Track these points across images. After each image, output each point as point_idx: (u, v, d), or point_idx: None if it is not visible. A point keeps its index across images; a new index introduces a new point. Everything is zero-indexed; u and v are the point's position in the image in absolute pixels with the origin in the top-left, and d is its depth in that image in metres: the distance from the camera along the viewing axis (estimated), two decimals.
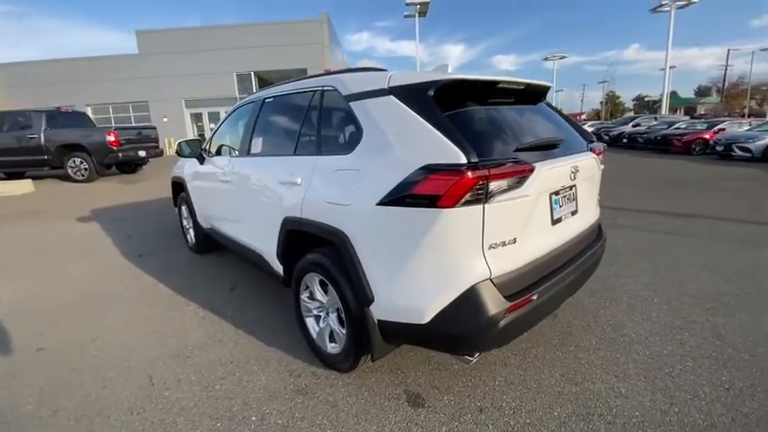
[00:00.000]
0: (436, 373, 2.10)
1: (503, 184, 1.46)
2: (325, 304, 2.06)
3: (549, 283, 1.72)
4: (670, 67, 26.98)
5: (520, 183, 1.52)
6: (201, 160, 3.35)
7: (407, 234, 1.52)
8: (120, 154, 9.81)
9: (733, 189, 7.19)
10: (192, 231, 4.06)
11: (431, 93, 1.61)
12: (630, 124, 19.55)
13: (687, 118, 21.41)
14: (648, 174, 9.59)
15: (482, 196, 1.42)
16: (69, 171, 9.78)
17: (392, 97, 1.70)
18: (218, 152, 3.36)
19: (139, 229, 5.32)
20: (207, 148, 3.40)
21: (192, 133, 22.42)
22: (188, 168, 3.73)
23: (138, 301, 3.07)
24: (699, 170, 9.93)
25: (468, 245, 1.46)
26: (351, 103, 1.87)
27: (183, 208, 4.13)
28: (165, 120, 21.15)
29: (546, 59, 46.40)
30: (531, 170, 1.55)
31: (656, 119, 19.71)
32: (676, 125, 16.62)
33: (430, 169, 1.44)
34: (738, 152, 11.86)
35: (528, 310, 1.61)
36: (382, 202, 1.56)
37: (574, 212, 1.95)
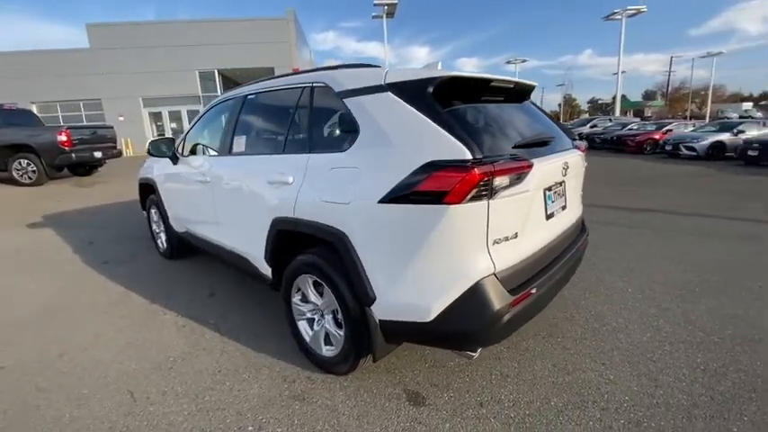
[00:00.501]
0: (433, 370, 2.10)
1: (506, 179, 1.48)
2: (320, 306, 2.01)
3: (545, 277, 1.76)
4: (621, 72, 28.73)
5: (520, 178, 1.55)
6: (175, 160, 3.17)
7: (411, 231, 1.51)
8: (72, 155, 9.09)
9: (683, 185, 7.76)
10: (163, 236, 3.84)
11: (430, 89, 1.60)
12: (588, 125, 20.63)
13: (638, 120, 22.85)
14: (608, 171, 10.16)
15: (487, 192, 1.43)
16: (15, 174, 8.96)
17: (390, 94, 1.68)
18: (193, 152, 3.20)
19: (101, 234, 4.96)
20: (179, 147, 3.22)
21: (151, 133, 21.25)
22: (158, 169, 3.51)
23: (108, 312, 2.85)
24: (652, 168, 10.64)
25: (473, 240, 1.47)
26: (344, 100, 1.83)
27: (153, 211, 3.90)
28: (121, 119, 19.90)
29: (508, 62, 48.11)
30: (531, 166, 1.58)
31: (610, 120, 20.93)
32: (629, 126, 17.74)
33: (434, 166, 1.44)
34: (685, 151, 12.83)
35: (528, 303, 1.64)
36: (384, 200, 1.54)
37: (563, 207, 2.02)
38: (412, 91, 1.63)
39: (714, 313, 2.63)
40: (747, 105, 59.59)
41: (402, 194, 1.50)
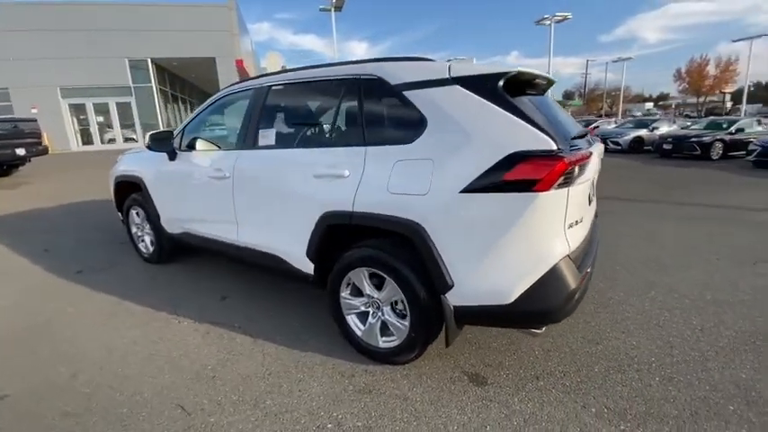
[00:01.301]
0: (481, 352, 2.21)
1: (579, 168, 1.61)
2: (380, 298, 2.01)
3: (591, 258, 1.95)
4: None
5: (584, 168, 1.70)
6: (173, 156, 2.91)
7: (497, 219, 1.59)
8: None
9: (617, 176, 8.75)
10: (148, 238, 3.50)
11: (501, 83, 1.68)
12: None
13: None
14: None
15: (568, 179, 1.55)
16: None
17: (458, 87, 1.73)
18: (192, 146, 2.97)
19: (57, 241, 4.37)
20: (175, 142, 2.96)
21: (72, 128, 18.86)
22: (147, 165, 3.19)
23: (109, 324, 2.56)
24: None
25: (554, 225, 1.59)
26: (404, 93, 1.85)
27: (135, 212, 3.53)
28: (35, 111, 17.36)
29: (449, 61, 49.78)
30: (590, 156, 1.74)
31: None
32: None
33: (522, 156, 1.52)
34: (611, 145, 14.41)
35: (586, 282, 1.81)
36: (467, 190, 1.60)
37: (592, 194, 2.23)
38: (483, 85, 1.70)
39: (690, 282, 3.06)
40: (649, 105, 68.26)
41: (488, 184, 1.56)
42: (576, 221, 1.71)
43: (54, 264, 3.66)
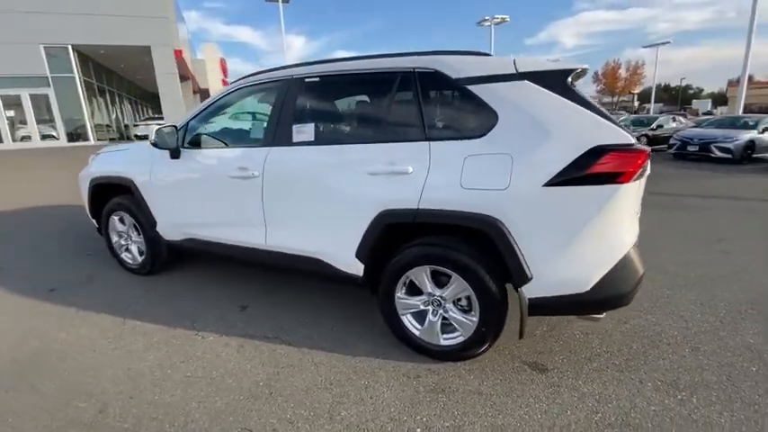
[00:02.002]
0: (528, 342, 2.27)
1: (648, 161, 1.72)
2: (443, 296, 1.98)
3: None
4: None
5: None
6: (176, 154, 2.60)
7: (580, 210, 1.64)
8: None
9: None
10: (135, 248, 3.12)
11: (569, 79, 1.74)
12: None
13: None
14: None
15: (643, 171, 1.65)
16: None
17: (527, 82, 1.76)
18: (196, 143, 2.69)
19: (8, 256, 3.73)
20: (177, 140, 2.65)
21: None
22: (140, 165, 2.82)
23: (120, 347, 2.24)
24: None
25: (628, 215, 1.69)
26: (469, 87, 1.83)
27: (117, 219, 3.11)
28: None
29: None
30: None
31: None
32: None
33: (605, 150, 1.59)
34: None
35: None
36: (550, 183, 1.63)
37: None
38: (553, 80, 1.74)
39: (674, 262, 3.43)
40: None
41: (572, 177, 1.61)
42: (638, 211, 1.82)
43: (16, 283, 3.11)
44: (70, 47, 16.53)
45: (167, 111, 18.32)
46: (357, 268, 2.14)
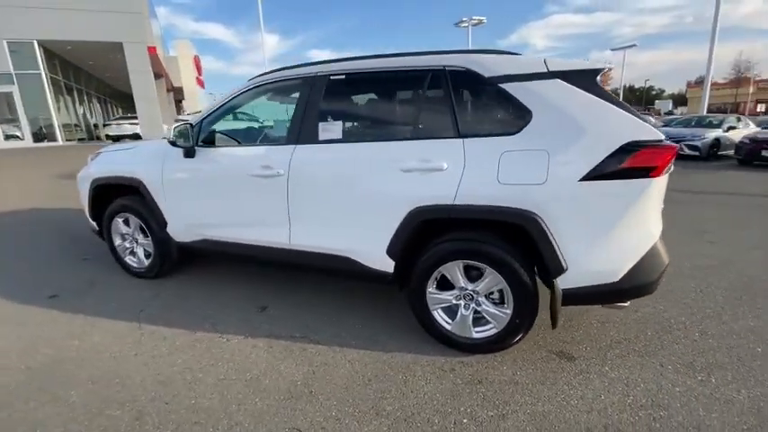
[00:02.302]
0: (550, 331, 2.35)
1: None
2: (476, 290, 2.02)
3: None
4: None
5: None
6: (191, 153, 2.53)
7: (614, 203, 1.72)
8: None
9: None
10: (141, 251, 3.01)
11: (599, 78, 1.82)
12: None
13: None
14: None
15: (671, 166, 1.75)
16: None
17: (559, 81, 1.82)
18: (210, 141, 2.63)
19: None
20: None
21: None
22: (150, 164, 2.73)
23: (142, 352, 2.16)
24: None
25: (655, 207, 1.78)
26: (502, 85, 1.88)
27: (121, 221, 2.99)
28: None
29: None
30: None
31: None
32: None
33: (638, 145, 1.67)
34: None
35: None
36: (586, 177, 1.70)
37: None
38: (583, 79, 1.81)
39: (671, 253, 3.61)
40: None
41: (607, 171, 1.69)
42: (662, 204, 1.93)
43: (12, 290, 2.94)
44: (35, 42, 15.62)
45: (142, 110, 17.62)
46: (387, 265, 2.16)
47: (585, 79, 1.82)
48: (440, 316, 2.14)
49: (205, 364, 2.06)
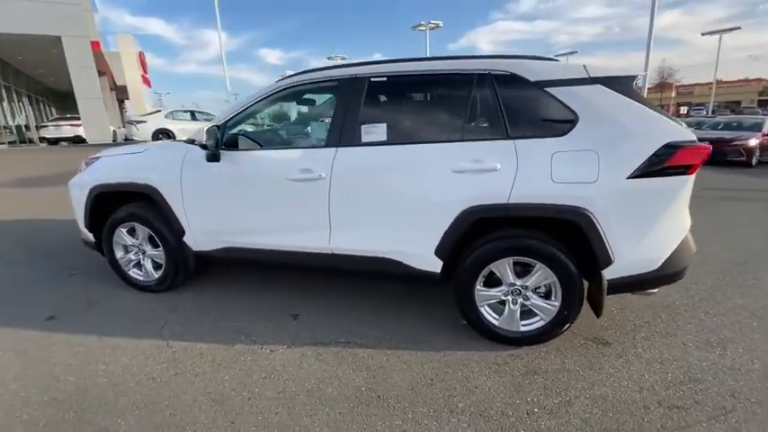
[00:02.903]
0: (579, 320, 2.50)
1: None
2: (526, 285, 2.11)
3: None
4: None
5: None
6: (215, 157, 2.39)
7: (657, 198, 1.88)
8: None
9: None
10: (153, 261, 2.79)
11: (635, 84, 1.98)
12: None
13: None
14: None
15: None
16: None
17: (600, 86, 1.96)
18: (233, 144, 2.50)
19: None
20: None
21: None
22: (167, 169, 2.54)
23: (177, 372, 2.01)
24: None
25: (687, 201, 1.97)
26: (549, 89, 1.99)
27: (124, 231, 2.74)
28: None
29: (329, 58, 50.38)
30: None
31: None
32: None
33: (676, 146, 1.84)
34: None
35: None
36: (633, 176, 1.85)
37: None
38: (621, 84, 1.96)
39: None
40: None
41: (651, 170, 1.84)
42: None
43: (3, 312, 2.60)
44: None
45: (85, 110, 16.11)
46: (434, 265, 2.19)
47: (623, 85, 1.97)
48: (487, 312, 2.21)
49: (257, 378, 1.97)
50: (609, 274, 1.99)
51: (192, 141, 2.55)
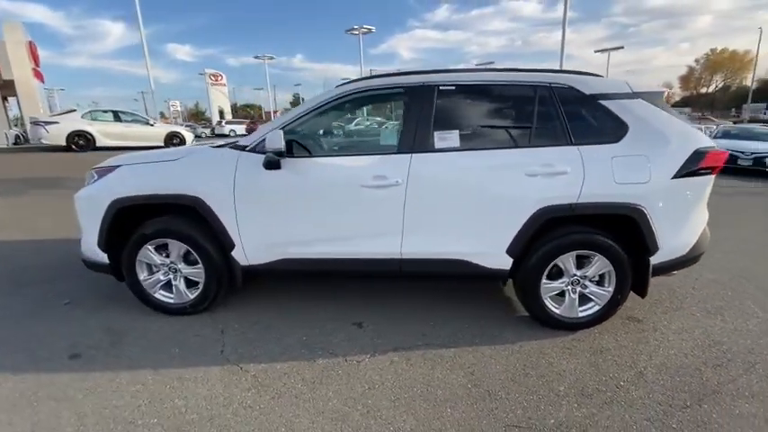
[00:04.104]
0: None
1: None
2: (585, 275, 2.36)
3: None
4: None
5: None
6: (277, 164, 2.25)
7: (692, 194, 2.26)
8: None
9: None
10: (187, 280, 2.51)
11: (663, 97, 2.35)
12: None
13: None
14: None
15: None
16: None
17: (641, 100, 2.29)
18: (289, 151, 2.38)
19: None
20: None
21: None
22: (215, 178, 2.33)
23: (277, 395, 1.87)
24: None
25: (708, 197, 2.39)
26: (602, 102, 2.27)
27: (152, 249, 2.42)
28: None
29: (257, 58, 48.14)
30: None
31: None
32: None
33: (704, 151, 2.23)
34: None
35: None
36: (675, 176, 2.20)
37: None
38: (656, 98, 2.32)
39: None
40: None
41: (687, 171, 2.20)
42: None
43: (7, 354, 2.12)
44: None
45: None
46: (504, 263, 2.34)
47: (657, 99, 2.33)
48: (549, 302, 2.42)
49: (363, 390, 1.93)
50: (655, 259, 2.33)
51: (240, 147, 2.37)
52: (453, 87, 2.34)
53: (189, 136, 14.68)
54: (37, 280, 3.16)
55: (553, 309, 2.42)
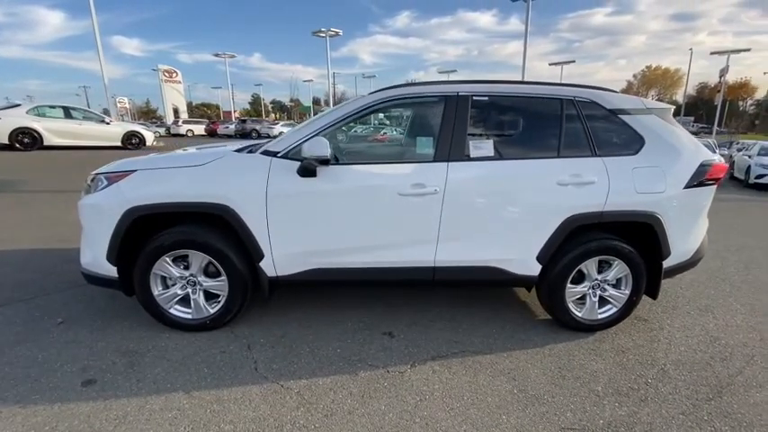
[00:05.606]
0: None
1: None
2: (606, 279, 2.49)
3: None
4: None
5: None
6: (313, 172, 2.16)
7: (699, 203, 2.47)
8: None
9: None
10: (202, 295, 2.34)
11: (671, 114, 2.56)
12: None
13: None
14: None
15: None
16: None
17: (654, 116, 2.48)
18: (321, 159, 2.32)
19: None
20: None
21: None
22: (245, 185, 2.21)
23: (329, 413, 1.80)
24: None
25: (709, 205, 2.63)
26: (621, 116, 2.42)
27: (169, 261, 2.24)
28: None
29: (217, 56, 46.33)
30: None
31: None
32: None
33: (708, 163, 2.44)
34: None
35: None
36: (686, 186, 2.39)
37: None
38: (666, 115, 2.51)
39: None
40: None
41: (695, 182, 2.41)
42: None
43: (11, 386, 1.84)
44: None
45: None
46: (534, 269, 2.42)
47: (666, 115, 2.53)
48: (572, 306, 2.54)
49: (415, 402, 1.90)
50: (666, 264, 2.51)
51: (270, 153, 2.26)
52: (486, 98, 2.40)
53: (150, 136, 13.78)
54: (14, 298, 2.81)
55: (575, 312, 2.54)
